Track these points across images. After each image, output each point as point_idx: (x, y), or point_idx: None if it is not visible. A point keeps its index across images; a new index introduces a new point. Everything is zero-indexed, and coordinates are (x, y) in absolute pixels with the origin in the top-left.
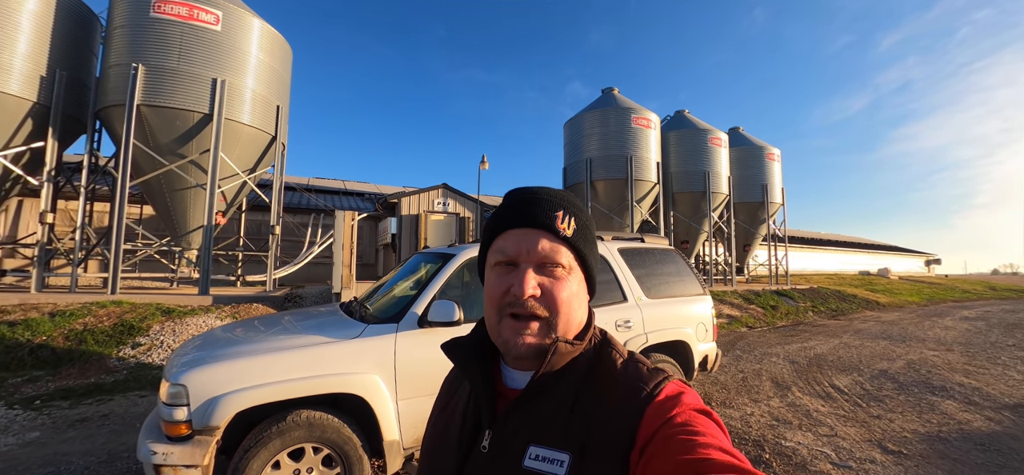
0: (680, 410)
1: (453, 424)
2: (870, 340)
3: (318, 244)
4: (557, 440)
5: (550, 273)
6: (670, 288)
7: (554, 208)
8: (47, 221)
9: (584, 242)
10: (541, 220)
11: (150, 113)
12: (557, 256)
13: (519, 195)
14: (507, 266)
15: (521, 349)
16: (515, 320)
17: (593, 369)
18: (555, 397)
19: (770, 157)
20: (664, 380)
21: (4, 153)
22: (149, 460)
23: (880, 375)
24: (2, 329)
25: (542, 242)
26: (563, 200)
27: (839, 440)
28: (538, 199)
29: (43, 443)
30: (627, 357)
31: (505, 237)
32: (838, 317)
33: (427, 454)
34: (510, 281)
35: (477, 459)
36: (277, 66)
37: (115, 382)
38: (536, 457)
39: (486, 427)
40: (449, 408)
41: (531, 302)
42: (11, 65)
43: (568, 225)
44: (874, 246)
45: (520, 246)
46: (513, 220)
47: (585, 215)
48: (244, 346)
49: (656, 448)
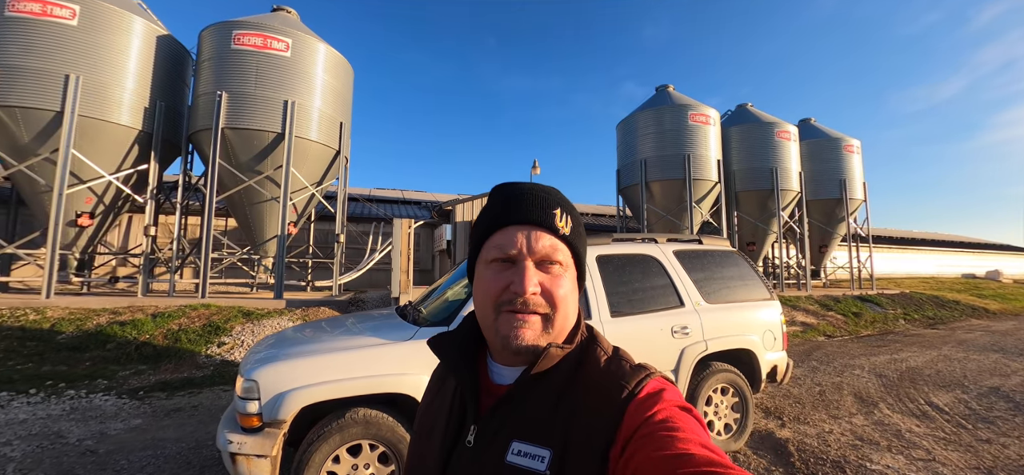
0: (661, 407)
1: (440, 417)
2: (977, 352)
3: (379, 251)
4: (539, 437)
5: (548, 270)
6: (732, 292)
7: (552, 206)
8: (151, 234)
9: (579, 241)
10: (541, 218)
11: (232, 135)
12: (556, 254)
13: (514, 191)
14: (504, 263)
15: (520, 343)
16: (514, 314)
17: (578, 367)
18: (540, 394)
19: (848, 149)
20: (646, 377)
21: (116, 175)
22: (226, 448)
23: (990, 393)
24: (115, 328)
25: (543, 240)
26: (559, 198)
27: (938, 465)
28: (536, 196)
29: (144, 429)
30: (611, 355)
31: (504, 233)
32: (936, 326)
33: (415, 445)
34: (509, 278)
35: (462, 453)
36: (340, 86)
37: (203, 377)
38: (518, 453)
39: (471, 422)
40: (437, 401)
41: (533, 299)
42: (121, 99)
43: (566, 223)
44: (980, 245)
45: (522, 243)
46: (512, 217)
47: (577, 213)
48: (309, 346)
49: (636, 445)
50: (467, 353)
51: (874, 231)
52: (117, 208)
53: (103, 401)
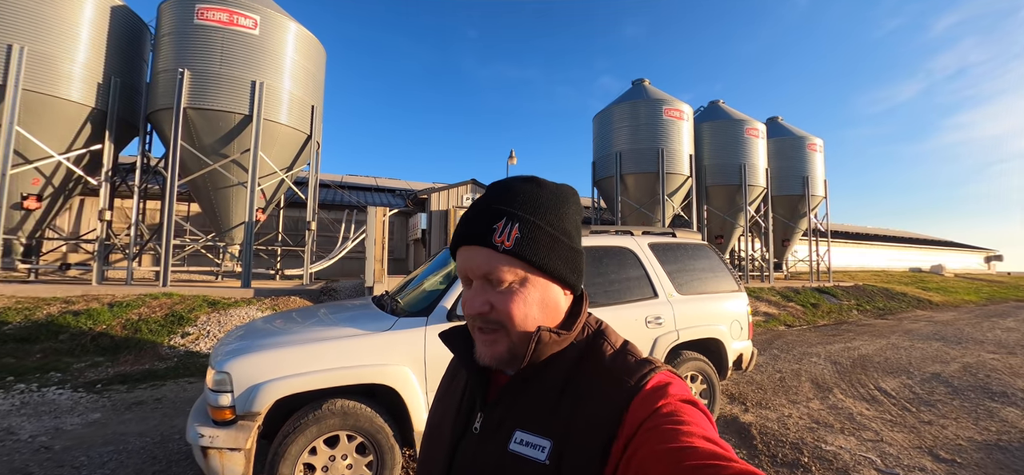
0: (667, 401)
1: (451, 406)
2: (921, 341)
3: (351, 239)
4: (541, 427)
5: (497, 289)
6: (703, 284)
7: (493, 218)
8: (106, 218)
9: (531, 250)
10: (478, 235)
11: (195, 115)
12: (498, 273)
13: (473, 204)
14: (466, 283)
15: (486, 360)
16: (482, 333)
17: (583, 359)
18: (544, 385)
19: (811, 147)
20: (651, 371)
21: (67, 155)
22: (197, 442)
23: (932, 378)
24: (68, 319)
25: (480, 259)
26: (511, 204)
27: (885, 446)
28: (482, 210)
29: (104, 424)
30: (618, 348)
31: (459, 253)
32: (886, 316)
33: (428, 432)
34: (466, 297)
35: (469, 440)
36: (312, 67)
37: (167, 368)
38: (520, 441)
39: (478, 410)
40: (450, 391)
41: (481, 320)
42: (72, 73)
43: (507, 236)
44: (927, 241)
45: (466, 265)
46: (460, 237)
47: (537, 213)
48: (283, 337)
49: (641, 438)
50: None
51: (832, 226)
52: (68, 190)
53: (57, 395)
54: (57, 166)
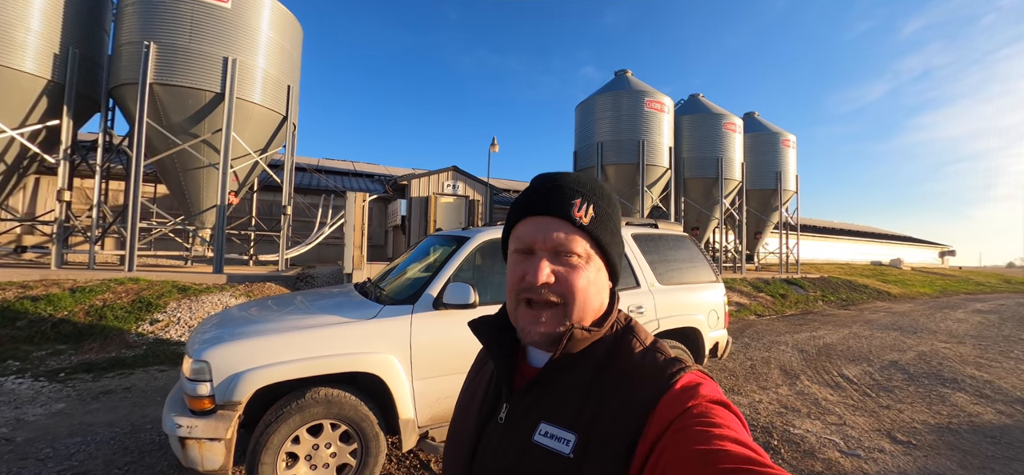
0: (697, 401)
1: (477, 395)
2: (880, 331)
3: (329, 225)
4: (567, 421)
5: (565, 261)
6: (683, 275)
7: (572, 195)
8: (65, 199)
9: (602, 230)
10: (558, 208)
11: (163, 92)
12: (572, 244)
13: (541, 181)
14: (525, 253)
15: (534, 337)
16: (529, 308)
17: (612, 356)
18: (571, 380)
19: (785, 144)
20: (681, 370)
21: (21, 131)
22: (174, 433)
23: (890, 366)
24: (25, 304)
25: (557, 230)
26: (584, 187)
27: (848, 429)
28: (557, 186)
29: (69, 414)
30: (648, 345)
31: (524, 224)
32: (848, 307)
33: (454, 420)
34: (526, 267)
35: (494, 429)
36: (288, 45)
37: (135, 357)
38: (545, 434)
39: (504, 401)
40: (477, 380)
41: (544, 290)
42: (25, 42)
43: (585, 213)
44: (887, 236)
45: (536, 234)
46: (531, 207)
47: (607, 202)
48: (264, 324)
49: (670, 438)
50: (504, 335)
51: (802, 220)
52: (22, 168)
53: (16, 384)
54: (10, 142)
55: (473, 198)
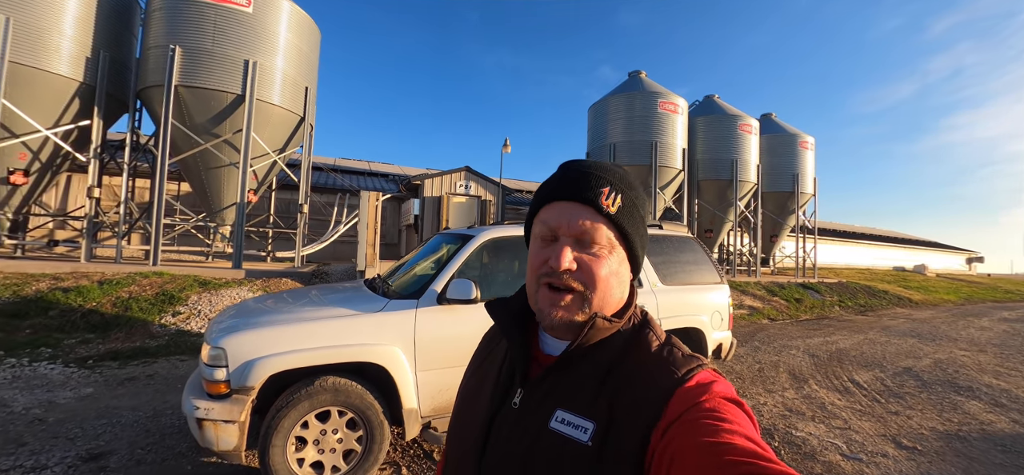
0: (709, 397)
1: (488, 379)
2: (897, 337)
3: (344, 223)
4: (584, 409)
5: (589, 249)
6: (687, 276)
7: (601, 183)
8: (94, 196)
9: (629, 220)
10: (585, 195)
11: (187, 93)
12: (596, 233)
13: (570, 167)
14: (548, 239)
15: (553, 320)
16: (551, 291)
17: (629, 348)
18: (587, 369)
19: (803, 145)
20: (697, 367)
21: (54, 131)
22: (193, 414)
23: (903, 373)
24: (57, 295)
25: (583, 217)
26: (613, 175)
27: (852, 433)
28: (586, 173)
29: (96, 398)
30: (664, 340)
31: (549, 209)
32: (866, 313)
33: (460, 403)
34: (549, 253)
35: (507, 414)
36: (306, 48)
37: (158, 346)
38: (562, 420)
39: (519, 386)
40: (487, 364)
41: (566, 276)
42: (60, 46)
43: (613, 202)
44: (911, 241)
45: (561, 219)
46: (559, 192)
47: (635, 193)
48: (277, 315)
49: (679, 429)
50: (520, 320)
51: (820, 224)
52: (55, 166)
53: (48, 370)
54: (44, 141)
55: (485, 198)
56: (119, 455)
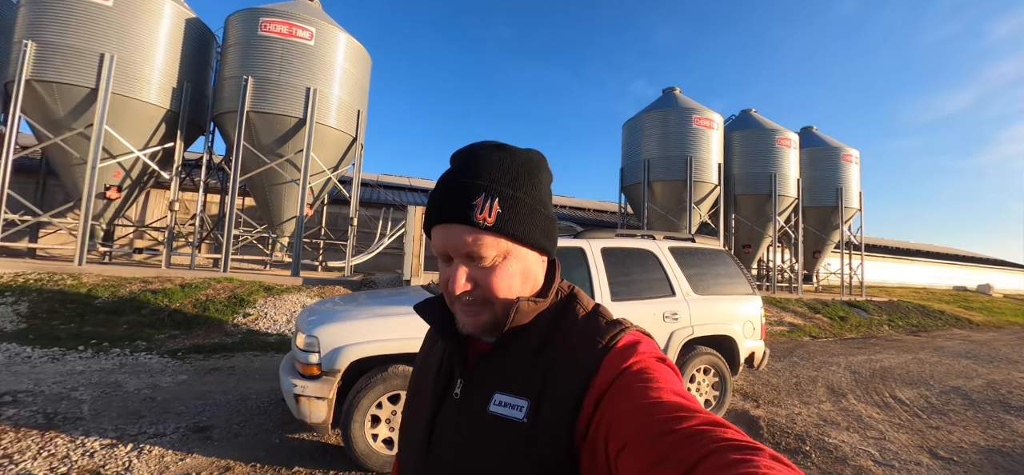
0: (636, 359)
1: (430, 375)
2: (950, 358)
3: (388, 236)
4: (519, 387)
5: (480, 264)
6: (719, 286)
7: (473, 194)
8: (176, 209)
9: (513, 223)
10: (458, 213)
11: (256, 118)
12: (481, 249)
13: (441, 181)
14: (445, 258)
15: (469, 329)
16: (462, 306)
17: (558, 322)
18: (520, 349)
19: (846, 159)
20: (621, 331)
21: (144, 152)
22: (291, 391)
23: (951, 391)
24: (147, 296)
25: (464, 237)
26: (487, 176)
27: (887, 443)
28: (456, 186)
29: (190, 384)
30: (590, 311)
31: (435, 231)
32: (918, 333)
33: (409, 399)
34: (448, 274)
35: (450, 405)
36: (359, 74)
37: (233, 343)
38: (499, 403)
39: (458, 376)
40: (429, 360)
41: (465, 297)
42: (151, 79)
43: (490, 211)
44: (974, 259)
45: (446, 242)
46: (436, 215)
47: (514, 185)
48: (359, 310)
49: (612, 396)
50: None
51: (869, 240)
52: (142, 183)
53: (147, 359)
54: (135, 161)
55: None
56: (219, 428)
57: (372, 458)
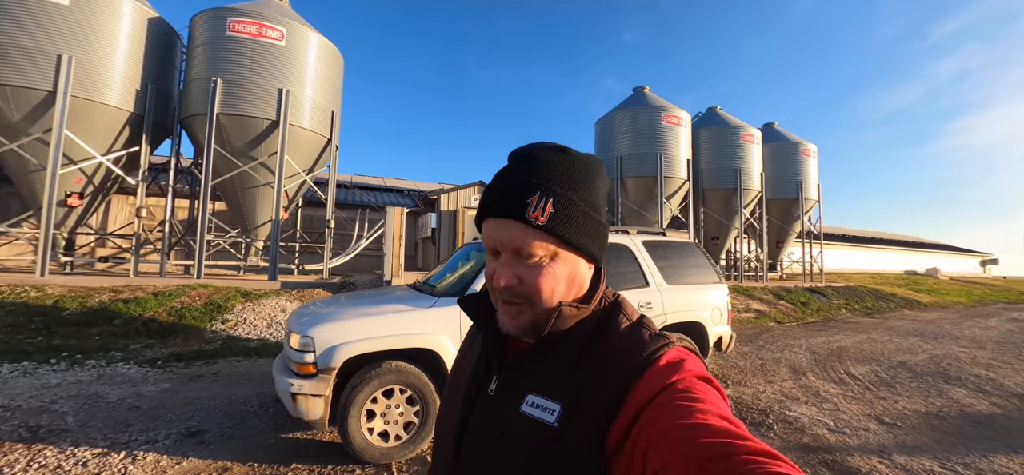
0: (681, 376)
1: (468, 369)
2: (900, 337)
3: (366, 237)
4: (554, 392)
5: (527, 262)
6: (689, 276)
7: (528, 192)
8: (143, 216)
9: (565, 225)
10: (512, 208)
11: (227, 121)
12: (530, 247)
13: (498, 177)
14: (493, 252)
15: (509, 328)
16: (506, 304)
17: (600, 331)
18: (559, 354)
19: (805, 153)
20: (665, 346)
21: (107, 157)
22: (288, 390)
23: (898, 366)
24: (119, 306)
25: (514, 233)
26: (543, 176)
27: (840, 413)
28: (513, 183)
29: (175, 391)
30: (634, 322)
31: (486, 224)
32: (872, 315)
33: (446, 393)
34: (494, 267)
35: (484, 401)
36: (332, 75)
37: (214, 350)
38: (532, 404)
39: (495, 374)
40: (469, 355)
41: (508, 293)
42: (113, 81)
43: (542, 211)
44: (923, 244)
45: (496, 237)
46: (489, 209)
47: (570, 187)
48: (351, 310)
49: (653, 413)
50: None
51: (828, 229)
52: (106, 189)
53: (126, 369)
54: (98, 166)
55: None
56: (212, 432)
57: (369, 451)
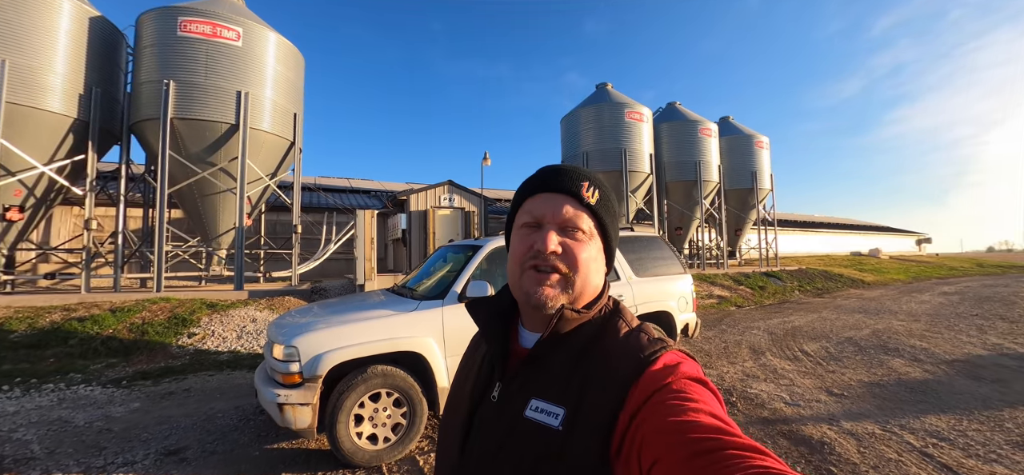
0: (675, 378)
1: (471, 375)
2: (846, 314)
3: (334, 241)
4: (556, 396)
5: (572, 235)
6: (656, 268)
7: (581, 178)
8: (92, 228)
9: (606, 212)
10: (567, 187)
11: (182, 125)
12: (579, 221)
13: (552, 166)
14: (532, 227)
15: (541, 297)
16: (537, 273)
17: (600, 335)
18: (560, 358)
19: (759, 145)
20: (662, 349)
21: (50, 166)
22: (274, 401)
23: (845, 341)
24: (74, 324)
25: (566, 206)
26: (590, 175)
27: (795, 388)
28: (566, 170)
29: (146, 411)
30: (633, 327)
31: (534, 200)
32: (822, 295)
33: (449, 399)
34: (534, 238)
35: (487, 407)
36: (292, 76)
37: (182, 365)
38: (536, 409)
39: (498, 380)
40: (471, 362)
41: (553, 258)
42: (53, 85)
43: (593, 195)
44: (866, 227)
45: (546, 208)
46: (544, 186)
47: (609, 192)
48: (333, 317)
49: (648, 412)
50: (499, 318)
51: (781, 216)
52: (49, 201)
53: (89, 391)
54: (40, 177)
55: (469, 210)
56: (192, 449)
57: (358, 455)
